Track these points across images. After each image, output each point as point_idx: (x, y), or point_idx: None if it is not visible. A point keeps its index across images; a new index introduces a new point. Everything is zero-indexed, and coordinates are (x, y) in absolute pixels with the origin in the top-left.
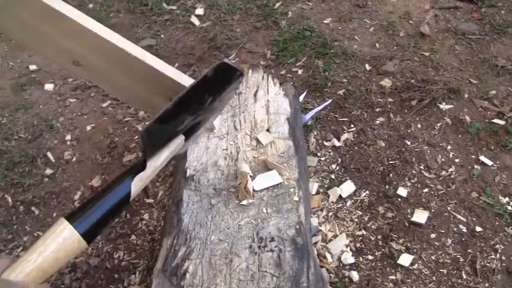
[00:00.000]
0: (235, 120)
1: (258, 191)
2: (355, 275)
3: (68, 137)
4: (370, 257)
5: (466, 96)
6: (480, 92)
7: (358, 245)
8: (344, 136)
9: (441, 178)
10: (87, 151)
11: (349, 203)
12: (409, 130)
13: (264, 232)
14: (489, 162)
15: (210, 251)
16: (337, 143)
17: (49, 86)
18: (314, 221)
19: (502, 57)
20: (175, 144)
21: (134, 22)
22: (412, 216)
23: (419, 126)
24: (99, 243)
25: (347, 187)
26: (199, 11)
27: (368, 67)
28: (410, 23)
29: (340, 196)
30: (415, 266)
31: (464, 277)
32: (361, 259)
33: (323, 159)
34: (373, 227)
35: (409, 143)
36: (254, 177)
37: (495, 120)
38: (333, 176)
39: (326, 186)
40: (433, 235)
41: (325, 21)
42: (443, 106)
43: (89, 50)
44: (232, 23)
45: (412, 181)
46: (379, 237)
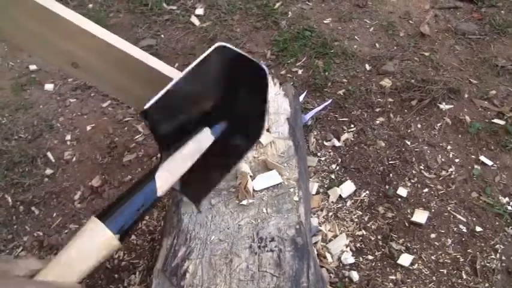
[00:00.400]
0: None
1: (258, 191)
2: (355, 275)
3: (68, 137)
4: (370, 257)
5: (466, 96)
6: (480, 92)
7: (358, 245)
8: (344, 136)
9: (441, 178)
10: (87, 151)
11: (349, 203)
12: (409, 130)
13: (264, 232)
14: (489, 162)
15: (210, 251)
16: (337, 143)
17: (49, 86)
18: (314, 221)
19: (502, 57)
20: (201, 136)
21: (134, 22)
22: (412, 216)
23: (419, 126)
24: None
25: (347, 187)
26: (199, 11)
27: (368, 67)
28: (410, 23)
29: (340, 196)
30: (415, 266)
31: (464, 277)
32: (361, 259)
33: (323, 159)
34: (373, 227)
35: (409, 143)
36: (254, 177)
37: (495, 120)
38: (333, 176)
39: (326, 186)
40: (433, 235)
41: (325, 21)
42: (443, 106)
43: (88, 52)
44: (232, 23)
45: (412, 181)
46: (379, 237)
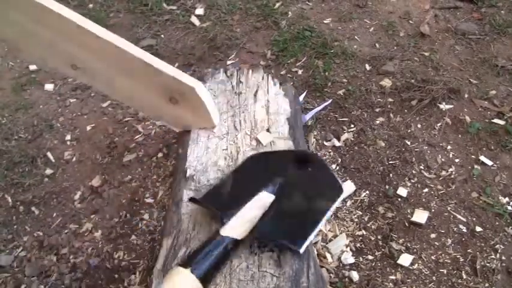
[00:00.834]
0: (235, 120)
1: None
2: (355, 275)
3: (68, 137)
4: (370, 257)
5: (466, 96)
6: (480, 92)
7: (358, 245)
8: (344, 136)
9: (441, 178)
10: (87, 151)
11: (349, 203)
12: (409, 130)
13: None
14: (489, 162)
15: None
16: (337, 143)
17: (49, 86)
18: None
19: (502, 57)
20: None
21: (134, 22)
22: (412, 216)
23: (419, 126)
24: (99, 243)
25: (347, 187)
26: (199, 11)
27: (368, 67)
28: (410, 23)
29: None
30: (415, 266)
31: (464, 277)
32: (361, 259)
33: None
34: (373, 227)
35: (409, 143)
36: None
37: (495, 120)
38: None
39: None
40: (433, 235)
41: (325, 21)
42: (443, 106)
43: (88, 52)
44: (232, 23)
45: (412, 181)
46: (379, 237)
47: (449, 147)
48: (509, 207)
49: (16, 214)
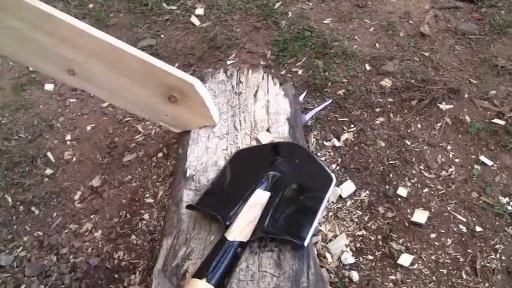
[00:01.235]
0: (235, 120)
1: None
2: (355, 275)
3: (68, 137)
4: (370, 257)
5: (466, 96)
6: (480, 92)
7: (358, 245)
8: (344, 136)
9: (441, 178)
10: (87, 151)
11: (349, 203)
12: (409, 130)
13: None
14: (489, 162)
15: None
16: (337, 143)
17: (49, 86)
18: None
19: (502, 57)
20: (257, 197)
21: (134, 22)
22: (412, 216)
23: (419, 126)
24: (99, 243)
25: (347, 187)
26: (199, 11)
27: (368, 67)
28: (410, 23)
29: (340, 196)
30: (415, 266)
31: (464, 277)
32: (361, 259)
33: (323, 159)
34: (373, 227)
35: (409, 143)
36: None
37: (495, 120)
38: None
39: None
40: (433, 235)
41: (325, 21)
42: (443, 106)
43: (85, 54)
44: (232, 23)
45: (412, 181)
46: (379, 237)
47: (449, 147)
48: (509, 207)
49: (16, 214)
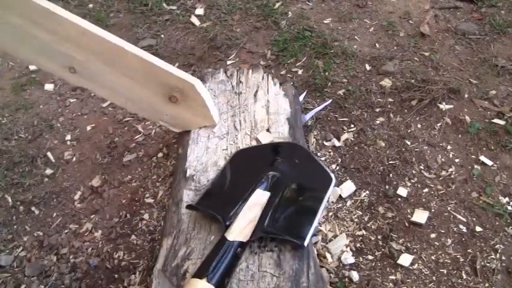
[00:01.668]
0: (235, 120)
1: None
2: (355, 275)
3: (68, 137)
4: (370, 257)
5: (466, 96)
6: (480, 92)
7: (358, 245)
8: (344, 136)
9: (441, 178)
10: (87, 151)
11: (349, 203)
12: (409, 130)
13: None
14: (489, 162)
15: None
16: (337, 143)
17: (49, 86)
18: None
19: (502, 57)
20: (257, 197)
21: (134, 22)
22: (412, 216)
23: (419, 126)
24: (99, 243)
25: (347, 187)
26: (199, 11)
27: (368, 67)
28: (410, 23)
29: (340, 196)
30: (415, 266)
31: (464, 277)
32: (361, 259)
33: (323, 159)
34: (373, 227)
35: (409, 143)
36: None
37: (495, 120)
38: None
39: None
40: (433, 235)
41: (325, 21)
42: (443, 106)
43: (87, 52)
44: (232, 23)
45: (412, 181)
46: (379, 237)
47: (449, 147)
48: (509, 207)
49: (16, 214)
